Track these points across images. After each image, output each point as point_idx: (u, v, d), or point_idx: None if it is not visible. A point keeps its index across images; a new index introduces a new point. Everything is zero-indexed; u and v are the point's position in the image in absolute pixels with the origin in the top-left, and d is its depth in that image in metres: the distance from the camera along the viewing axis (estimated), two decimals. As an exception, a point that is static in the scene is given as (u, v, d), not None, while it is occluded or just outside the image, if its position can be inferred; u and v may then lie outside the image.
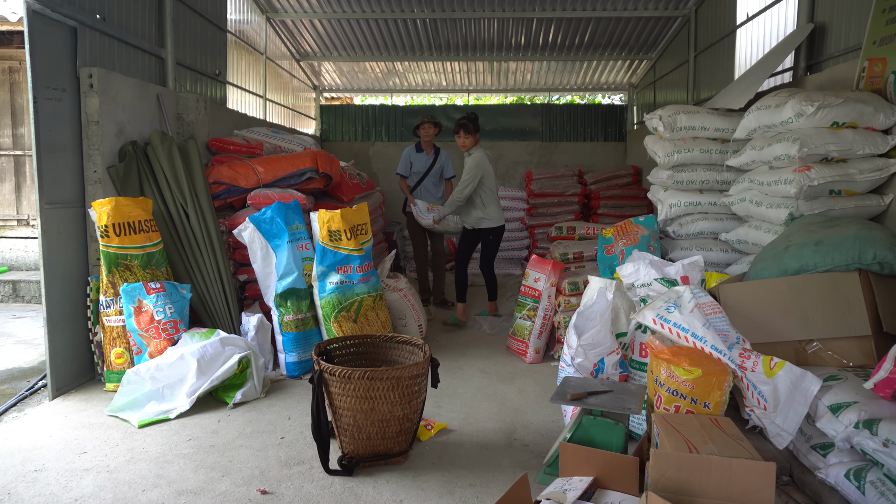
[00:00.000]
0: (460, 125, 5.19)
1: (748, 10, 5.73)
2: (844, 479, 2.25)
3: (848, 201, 3.42)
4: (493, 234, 5.30)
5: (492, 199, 5.26)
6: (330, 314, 4.21)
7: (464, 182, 5.13)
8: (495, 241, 5.34)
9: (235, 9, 6.91)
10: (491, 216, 5.25)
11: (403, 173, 6.05)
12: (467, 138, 5.20)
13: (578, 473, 2.30)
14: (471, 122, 5.19)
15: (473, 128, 5.20)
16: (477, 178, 5.14)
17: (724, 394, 2.41)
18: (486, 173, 5.20)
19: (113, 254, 3.82)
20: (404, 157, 6.04)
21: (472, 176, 5.13)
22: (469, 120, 5.20)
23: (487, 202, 5.24)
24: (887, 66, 3.42)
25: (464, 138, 5.21)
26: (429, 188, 6.02)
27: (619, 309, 3.09)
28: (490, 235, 5.29)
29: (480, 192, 5.21)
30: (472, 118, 5.21)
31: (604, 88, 10.75)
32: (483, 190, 5.21)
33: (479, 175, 5.14)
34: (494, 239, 5.33)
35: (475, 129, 5.22)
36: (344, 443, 2.85)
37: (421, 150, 6.00)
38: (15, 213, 7.33)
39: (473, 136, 5.20)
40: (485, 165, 5.17)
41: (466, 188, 5.12)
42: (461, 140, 5.21)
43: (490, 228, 5.27)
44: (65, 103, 3.85)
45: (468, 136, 5.20)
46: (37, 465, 2.83)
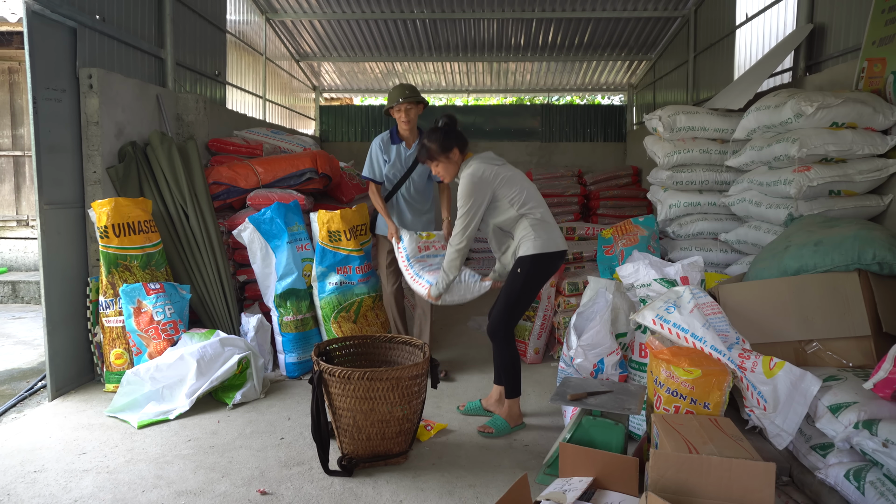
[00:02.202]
0: (431, 142, 3.20)
1: (748, 11, 5.74)
2: (844, 479, 2.25)
3: (847, 202, 3.43)
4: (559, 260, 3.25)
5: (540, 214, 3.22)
6: (329, 315, 4.21)
7: (460, 224, 3.16)
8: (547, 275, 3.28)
9: (235, 9, 6.91)
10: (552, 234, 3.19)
11: (371, 176, 4.12)
12: (448, 163, 3.22)
13: (578, 474, 2.30)
14: (445, 133, 3.19)
15: (455, 139, 3.20)
16: (478, 211, 3.13)
17: (723, 394, 2.41)
18: (500, 188, 3.14)
19: (112, 254, 3.82)
20: (373, 151, 4.09)
21: (469, 212, 3.12)
22: (444, 132, 3.20)
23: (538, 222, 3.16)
24: (886, 67, 3.42)
25: (444, 163, 3.22)
26: (411, 197, 4.15)
27: (618, 309, 3.09)
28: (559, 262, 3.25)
29: (522, 215, 3.15)
30: (445, 129, 3.23)
31: (603, 89, 10.75)
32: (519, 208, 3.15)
33: (483, 204, 3.13)
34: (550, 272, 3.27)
35: (456, 141, 3.20)
36: (343, 443, 2.85)
37: (398, 139, 4.08)
38: (14, 214, 7.33)
39: (458, 153, 3.22)
40: (489, 180, 3.12)
41: (466, 232, 3.16)
42: (441, 168, 3.25)
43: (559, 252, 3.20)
44: (64, 104, 3.85)
45: (444, 156, 3.20)
46: (36, 465, 2.82)
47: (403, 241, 3.90)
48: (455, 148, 3.18)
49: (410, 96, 3.90)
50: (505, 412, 3.23)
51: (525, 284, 3.14)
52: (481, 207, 3.13)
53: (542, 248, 3.08)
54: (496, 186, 3.11)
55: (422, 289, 3.62)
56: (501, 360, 3.23)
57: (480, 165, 3.12)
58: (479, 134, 9.72)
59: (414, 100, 3.92)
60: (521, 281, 3.13)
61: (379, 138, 4.12)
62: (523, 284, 3.14)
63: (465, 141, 3.25)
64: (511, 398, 3.23)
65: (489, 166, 3.12)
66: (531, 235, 3.09)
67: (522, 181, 3.20)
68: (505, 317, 3.18)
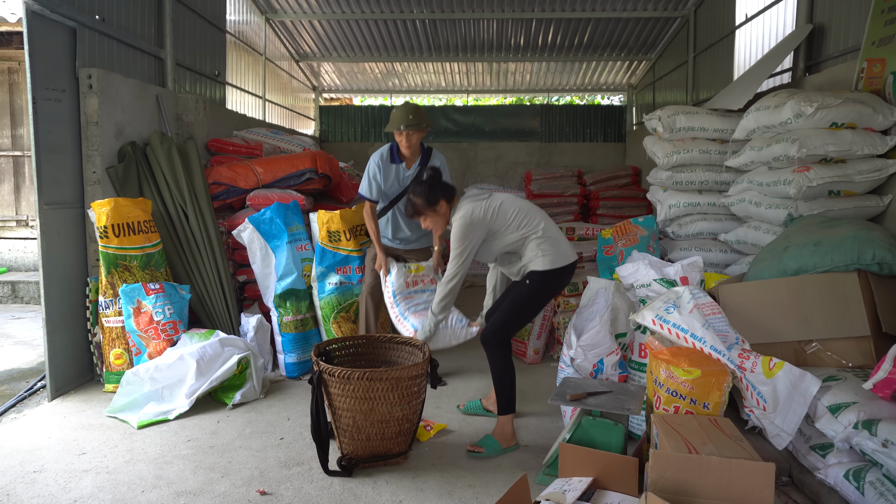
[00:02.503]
0: (416, 196, 3.09)
1: (747, 11, 5.74)
2: (844, 479, 2.25)
3: (847, 202, 3.43)
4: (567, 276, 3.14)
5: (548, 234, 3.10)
6: (329, 315, 4.21)
7: (453, 266, 3.04)
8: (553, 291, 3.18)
9: (235, 9, 6.91)
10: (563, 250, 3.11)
11: (368, 195, 3.92)
12: (436, 216, 3.12)
13: (578, 474, 2.30)
14: (431, 187, 3.08)
15: (441, 191, 3.09)
16: (472, 252, 3.04)
17: (723, 394, 2.41)
18: (495, 222, 3.03)
19: (112, 254, 3.81)
20: (370, 169, 3.90)
21: (463, 253, 3.01)
22: (429, 185, 3.08)
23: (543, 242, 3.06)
24: (886, 67, 3.42)
25: (432, 217, 3.12)
26: (407, 219, 3.94)
27: (618, 309, 3.09)
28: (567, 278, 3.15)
29: (526, 237, 3.05)
30: (430, 182, 3.10)
31: (603, 89, 10.76)
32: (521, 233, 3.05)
33: (477, 244, 3.03)
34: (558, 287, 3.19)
35: (442, 192, 3.09)
36: (343, 443, 2.85)
37: (399, 158, 3.92)
38: (14, 214, 7.32)
39: (446, 205, 3.11)
40: (482, 220, 3.00)
41: (459, 273, 3.05)
42: (430, 221, 3.15)
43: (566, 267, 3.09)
44: (64, 104, 3.85)
45: (431, 209, 3.09)
46: (36, 465, 2.82)
47: (391, 275, 3.81)
48: (441, 200, 3.08)
49: (413, 123, 3.73)
50: (498, 431, 3.00)
51: (532, 297, 3.06)
52: (475, 248, 3.05)
53: (553, 265, 3.00)
54: (489, 222, 3.02)
55: (406, 331, 3.60)
56: (494, 369, 3.02)
57: (470, 206, 3.01)
58: (479, 134, 9.73)
59: (417, 127, 3.76)
60: (529, 293, 3.04)
61: (378, 155, 3.91)
62: (530, 297, 3.05)
63: (452, 190, 3.15)
64: (504, 415, 2.99)
65: (478, 205, 3.02)
66: (540, 254, 3.01)
67: (515, 202, 3.10)
68: (506, 327, 3.04)
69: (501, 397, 3.02)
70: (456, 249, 3.02)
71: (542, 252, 3.01)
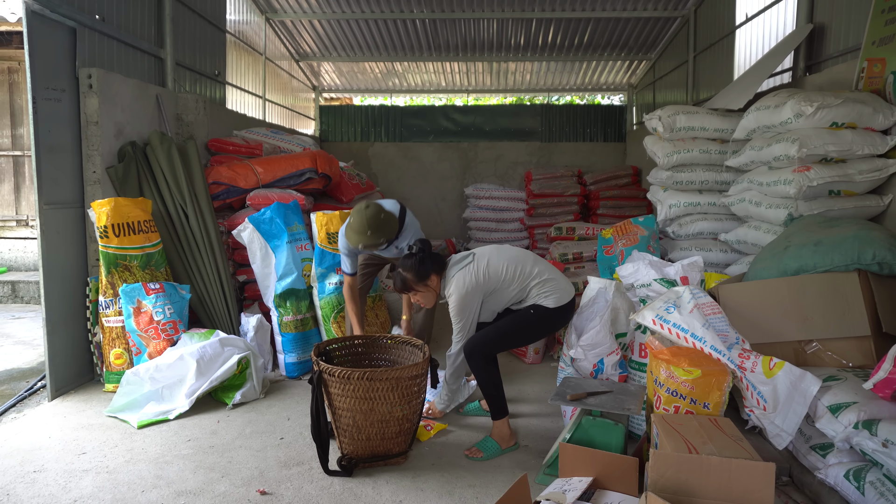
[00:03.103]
0: (407, 272, 3.03)
1: (747, 11, 5.74)
2: (844, 479, 2.25)
3: (847, 202, 3.43)
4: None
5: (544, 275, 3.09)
6: (329, 315, 4.21)
7: (459, 336, 3.05)
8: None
9: (235, 9, 6.91)
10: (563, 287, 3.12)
11: (346, 270, 3.73)
12: (427, 290, 3.07)
13: (578, 474, 2.30)
14: (421, 261, 3.02)
15: (431, 265, 3.03)
16: (474, 318, 3.03)
17: (723, 394, 2.41)
18: (490, 283, 3.00)
19: (112, 254, 3.81)
20: (341, 243, 3.66)
21: (465, 322, 3.01)
22: (419, 259, 3.02)
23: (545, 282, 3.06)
24: (886, 67, 3.42)
25: (423, 291, 3.08)
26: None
27: (618, 309, 3.09)
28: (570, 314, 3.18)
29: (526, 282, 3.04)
30: (420, 256, 3.03)
31: (603, 89, 10.75)
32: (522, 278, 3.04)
33: (477, 310, 3.02)
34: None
35: (433, 266, 3.03)
36: (343, 443, 2.85)
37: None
38: (14, 214, 7.32)
39: (436, 279, 3.06)
40: (477, 287, 2.97)
41: (463, 342, 3.03)
42: (420, 296, 3.11)
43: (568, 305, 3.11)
44: (64, 104, 3.85)
45: (422, 284, 3.04)
46: (36, 465, 2.82)
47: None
48: (432, 275, 3.02)
49: (371, 243, 3.35)
50: (496, 434, 3.01)
51: (533, 327, 3.04)
52: (476, 315, 3.03)
53: (558, 303, 3.03)
54: (484, 286, 2.98)
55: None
56: (483, 380, 2.99)
57: (460, 277, 2.96)
58: (479, 134, 9.73)
59: (375, 247, 3.40)
60: (531, 322, 3.02)
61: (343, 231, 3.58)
62: (530, 326, 3.04)
63: (442, 263, 3.06)
64: (498, 419, 3.01)
65: (467, 272, 2.97)
66: (545, 294, 3.02)
67: (500, 255, 3.04)
68: (489, 341, 2.99)
69: (492, 403, 3.03)
70: (458, 323, 3.02)
71: (546, 292, 3.03)
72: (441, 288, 3.07)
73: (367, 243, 3.36)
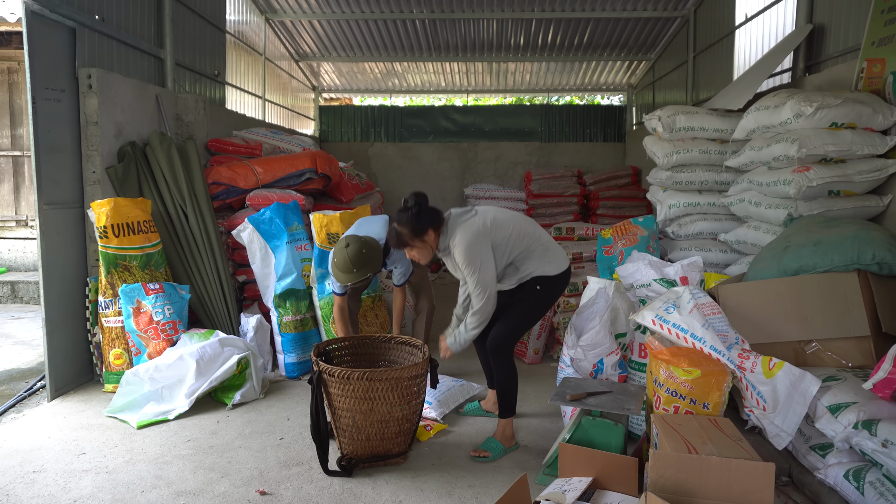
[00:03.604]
0: (402, 226, 2.87)
1: (747, 11, 5.74)
2: (843, 479, 2.25)
3: (847, 202, 3.43)
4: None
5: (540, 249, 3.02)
6: (329, 315, 4.21)
7: (478, 289, 2.85)
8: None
9: (234, 9, 6.91)
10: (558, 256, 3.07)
11: (341, 291, 3.69)
12: (423, 246, 2.91)
13: (578, 474, 2.30)
14: (417, 215, 2.85)
15: (428, 219, 2.87)
16: (489, 265, 2.85)
17: (723, 394, 2.41)
18: (495, 233, 2.89)
19: (112, 254, 3.81)
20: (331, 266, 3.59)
21: (480, 271, 2.83)
22: (415, 214, 2.85)
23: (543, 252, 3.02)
24: (886, 67, 3.42)
25: (419, 247, 2.92)
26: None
27: (618, 309, 3.09)
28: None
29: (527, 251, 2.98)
30: (417, 209, 2.85)
31: (603, 89, 10.76)
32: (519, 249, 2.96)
33: (490, 257, 2.86)
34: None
35: (429, 221, 2.87)
36: (343, 443, 2.85)
37: None
38: (14, 214, 7.32)
39: (433, 234, 2.89)
40: (484, 232, 2.86)
41: (486, 293, 2.85)
42: (416, 252, 2.94)
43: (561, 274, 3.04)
44: (64, 104, 3.85)
45: (418, 240, 2.89)
46: (35, 466, 2.82)
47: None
48: (429, 229, 2.86)
49: (359, 281, 3.40)
50: (499, 433, 3.02)
51: (540, 302, 3.01)
52: (490, 261, 2.85)
53: (559, 269, 2.99)
54: (491, 233, 2.87)
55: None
56: (503, 377, 2.99)
57: (464, 227, 2.85)
58: (478, 134, 9.73)
59: (363, 283, 3.47)
60: (537, 298, 2.99)
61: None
62: (538, 302, 3.00)
63: (440, 217, 2.91)
64: (506, 418, 3.03)
65: (472, 221, 2.87)
66: (546, 261, 2.97)
67: (504, 214, 3.01)
68: (514, 333, 3.00)
69: (505, 401, 3.02)
70: (473, 275, 2.83)
71: (547, 259, 2.98)
72: (440, 243, 2.92)
73: (354, 281, 3.40)
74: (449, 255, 2.94)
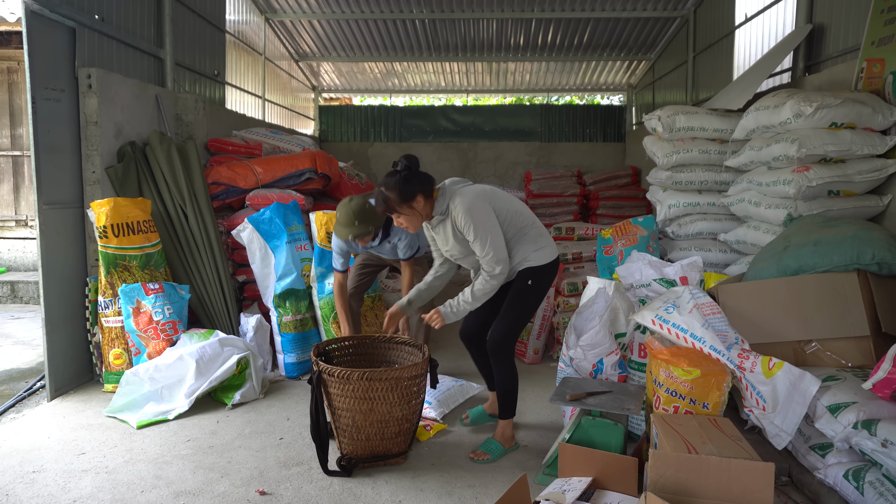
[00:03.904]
0: (390, 191, 2.71)
1: (747, 11, 5.74)
2: (843, 479, 2.25)
3: (846, 202, 3.43)
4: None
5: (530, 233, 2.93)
6: (329, 315, 4.21)
7: (488, 253, 2.73)
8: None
9: (234, 9, 6.91)
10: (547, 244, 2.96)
11: (341, 268, 3.74)
12: (412, 213, 2.77)
13: (577, 474, 2.30)
14: (405, 179, 2.70)
15: (418, 184, 2.72)
16: (496, 227, 2.75)
17: (722, 394, 2.41)
18: (495, 203, 2.82)
19: (111, 254, 3.81)
20: (336, 243, 3.69)
21: (487, 233, 2.72)
22: (404, 177, 2.70)
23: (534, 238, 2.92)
24: (886, 67, 3.42)
25: (407, 214, 2.77)
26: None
27: (617, 309, 3.09)
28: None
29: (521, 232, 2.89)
30: (406, 173, 2.71)
31: (603, 89, 10.76)
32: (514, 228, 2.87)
33: (494, 219, 2.76)
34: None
35: (419, 185, 2.73)
36: (343, 443, 2.85)
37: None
38: (13, 214, 7.32)
39: (423, 200, 2.75)
40: (485, 196, 2.79)
41: (499, 255, 2.75)
42: (404, 219, 2.79)
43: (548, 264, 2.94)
44: (63, 104, 3.85)
45: (406, 206, 2.74)
46: (35, 466, 2.82)
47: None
48: (419, 195, 2.70)
49: (360, 232, 3.38)
50: (499, 434, 2.99)
51: (535, 295, 2.90)
52: (496, 224, 2.73)
53: (550, 257, 2.90)
54: (492, 200, 2.79)
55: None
56: (504, 377, 2.93)
57: (463, 190, 2.75)
58: (478, 134, 9.73)
59: (364, 235, 3.42)
60: (532, 291, 2.88)
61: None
62: (532, 295, 2.89)
63: (431, 182, 2.76)
64: (506, 419, 2.99)
65: (472, 187, 2.81)
66: (539, 247, 2.87)
67: (504, 193, 2.93)
68: (512, 331, 2.90)
69: (506, 401, 2.98)
70: (479, 237, 2.68)
71: (540, 245, 2.89)
72: (435, 208, 2.76)
73: (355, 234, 3.38)
74: (443, 222, 2.78)
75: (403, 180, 2.70)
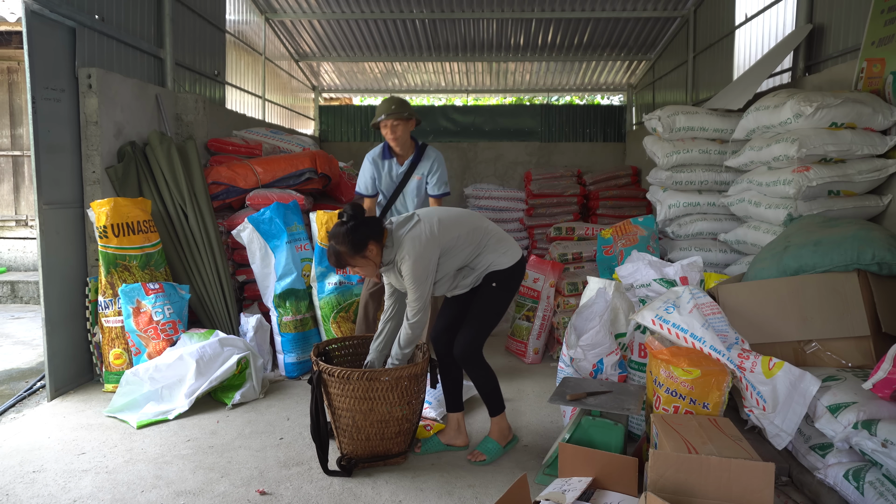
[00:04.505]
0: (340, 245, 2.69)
1: (747, 11, 5.74)
2: (843, 479, 2.25)
3: (847, 202, 3.43)
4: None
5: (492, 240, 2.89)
6: (329, 315, 4.21)
7: (418, 302, 2.73)
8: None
9: (234, 9, 6.91)
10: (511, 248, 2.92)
11: (364, 191, 3.89)
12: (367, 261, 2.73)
13: (577, 474, 2.30)
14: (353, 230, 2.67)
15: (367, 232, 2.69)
16: (433, 277, 2.74)
17: (722, 394, 2.41)
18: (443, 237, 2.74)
19: (111, 254, 3.81)
20: (364, 166, 3.87)
21: (424, 284, 2.71)
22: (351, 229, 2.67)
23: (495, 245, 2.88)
24: (886, 67, 3.42)
25: (362, 263, 2.74)
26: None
27: (618, 309, 3.09)
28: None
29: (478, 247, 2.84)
30: (352, 225, 2.67)
31: (603, 89, 10.75)
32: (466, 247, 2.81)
33: (435, 268, 2.74)
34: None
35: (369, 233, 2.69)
36: (343, 443, 2.85)
37: (389, 154, 3.87)
38: (13, 214, 7.32)
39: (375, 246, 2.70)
40: (433, 240, 2.70)
41: (422, 303, 2.73)
42: (360, 269, 2.82)
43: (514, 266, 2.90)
44: (63, 104, 3.85)
45: (360, 256, 2.71)
46: (35, 465, 2.82)
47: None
48: (370, 243, 2.66)
49: (395, 112, 3.65)
50: (494, 431, 2.95)
51: (502, 298, 2.86)
52: (434, 273, 2.73)
53: (513, 260, 2.85)
54: (440, 240, 2.71)
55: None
56: (481, 381, 2.88)
57: (413, 234, 2.68)
58: (478, 134, 9.73)
59: (398, 116, 3.66)
60: (498, 295, 2.84)
61: (371, 153, 3.88)
62: (500, 299, 2.85)
63: (379, 226, 2.70)
64: (496, 415, 2.94)
65: (417, 229, 2.70)
66: (499, 252, 2.83)
67: (447, 213, 2.85)
68: (479, 338, 2.85)
69: (491, 400, 2.94)
70: (416, 290, 2.68)
71: (501, 251, 2.84)
72: (384, 256, 2.72)
73: (390, 112, 3.69)
74: (393, 269, 2.76)
75: (351, 231, 2.65)
